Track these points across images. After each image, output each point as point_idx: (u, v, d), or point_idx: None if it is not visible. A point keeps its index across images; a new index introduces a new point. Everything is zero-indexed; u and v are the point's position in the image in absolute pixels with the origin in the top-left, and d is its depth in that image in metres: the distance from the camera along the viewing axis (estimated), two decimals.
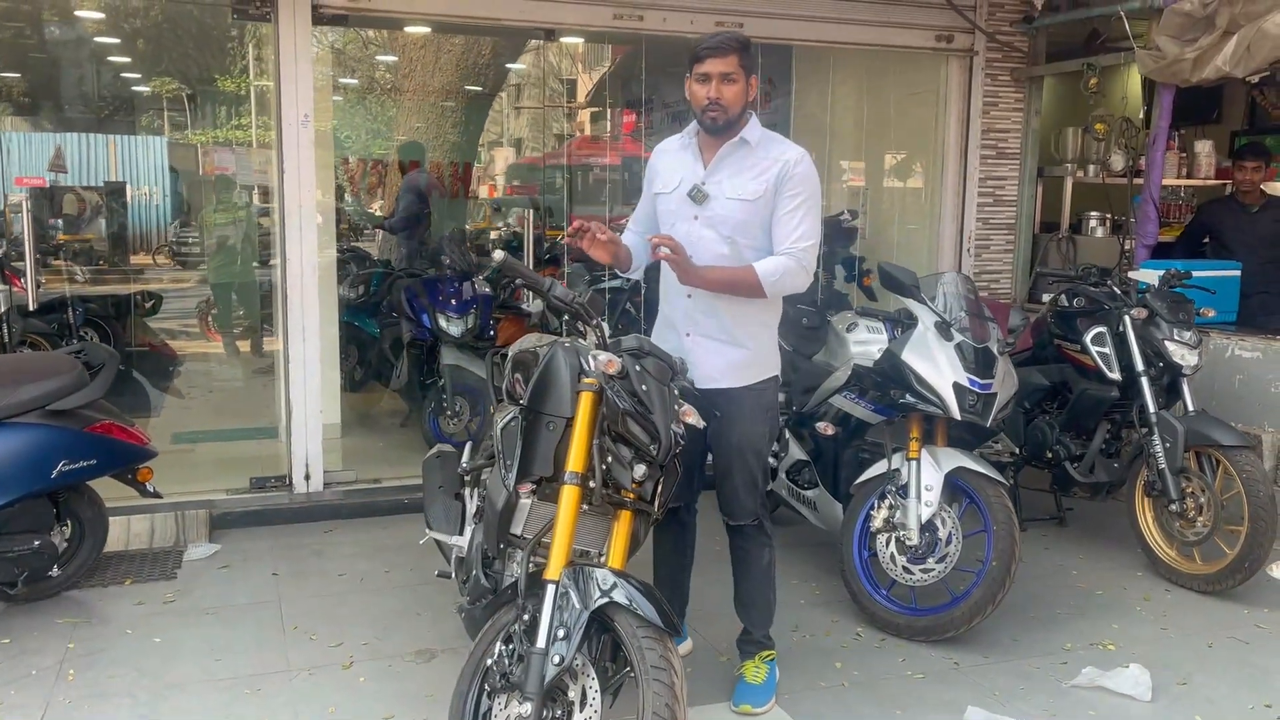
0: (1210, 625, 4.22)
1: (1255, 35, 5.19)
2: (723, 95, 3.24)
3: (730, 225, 3.29)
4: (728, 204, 3.28)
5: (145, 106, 12.91)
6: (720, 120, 3.27)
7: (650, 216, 3.54)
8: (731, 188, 3.30)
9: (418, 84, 10.92)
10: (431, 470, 4.03)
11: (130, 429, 4.34)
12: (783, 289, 3.28)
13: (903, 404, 4.09)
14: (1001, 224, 6.86)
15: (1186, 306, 4.73)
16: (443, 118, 11.07)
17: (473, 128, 11.36)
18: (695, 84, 3.29)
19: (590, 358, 2.94)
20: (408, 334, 6.72)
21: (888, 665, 3.85)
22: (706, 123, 3.30)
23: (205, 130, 14.19)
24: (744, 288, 3.24)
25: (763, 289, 3.23)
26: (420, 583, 4.54)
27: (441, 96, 10.99)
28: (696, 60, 3.27)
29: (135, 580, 4.53)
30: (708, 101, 3.26)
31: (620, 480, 2.86)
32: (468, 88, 11.05)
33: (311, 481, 5.60)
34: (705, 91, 3.26)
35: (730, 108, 3.26)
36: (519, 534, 3.03)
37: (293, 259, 5.49)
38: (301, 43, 5.40)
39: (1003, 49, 6.65)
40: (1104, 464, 4.93)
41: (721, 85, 3.24)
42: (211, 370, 9.35)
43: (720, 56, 3.24)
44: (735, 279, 3.24)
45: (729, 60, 3.24)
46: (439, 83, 10.82)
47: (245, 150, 17.03)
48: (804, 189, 3.27)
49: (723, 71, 3.24)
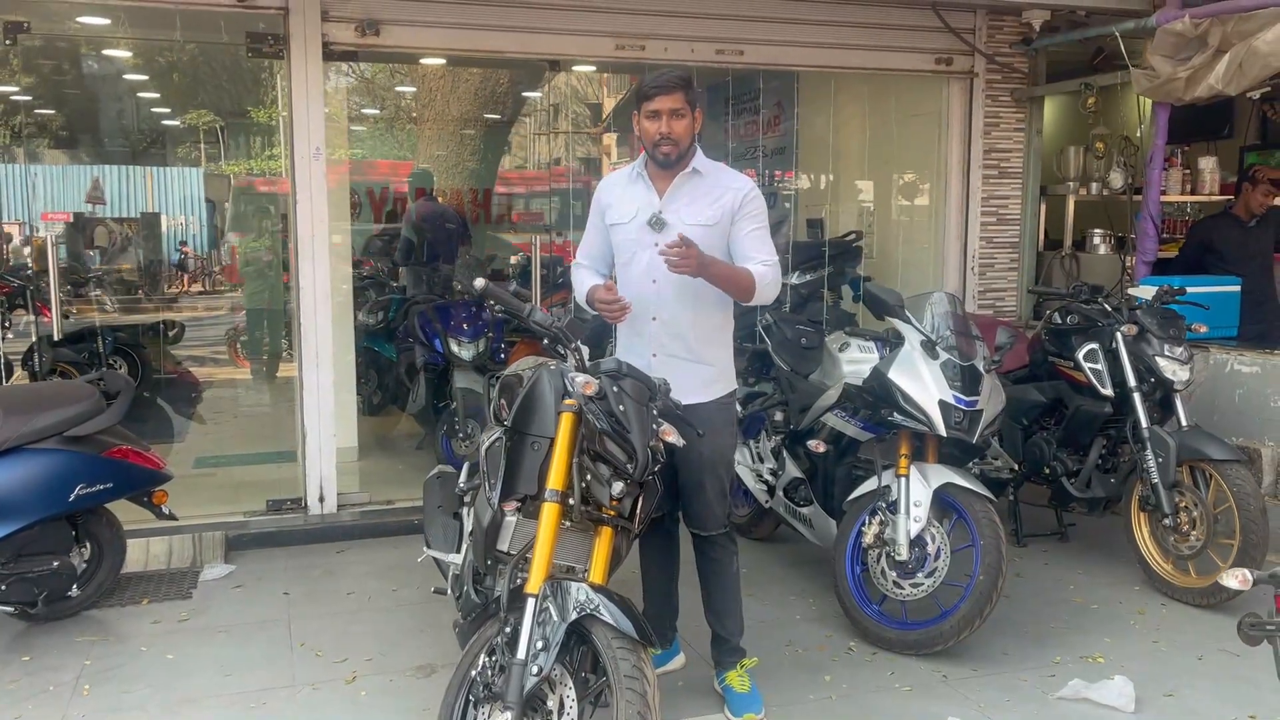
0: (1202, 638, 4.26)
1: (1246, 54, 5.26)
2: (673, 130, 3.41)
3: None
4: (688, 230, 3.42)
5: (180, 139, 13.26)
6: (673, 154, 3.44)
7: (602, 248, 3.71)
8: (689, 214, 3.47)
9: (436, 112, 11.13)
10: (431, 490, 4.16)
11: (146, 453, 4.50)
12: (766, 295, 3.47)
13: (891, 421, 4.18)
14: (1005, 242, 6.93)
15: (1177, 322, 4.78)
16: (461, 145, 11.27)
17: (491, 155, 11.55)
18: (645, 120, 3.46)
19: (569, 380, 3.07)
20: (422, 358, 6.88)
21: (877, 678, 3.92)
22: (660, 157, 3.46)
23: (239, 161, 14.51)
24: (740, 284, 3.40)
25: (754, 290, 3.41)
26: (426, 600, 4.66)
27: (460, 125, 11.19)
28: (645, 98, 3.44)
29: (152, 600, 4.69)
30: (659, 137, 3.42)
31: (599, 497, 2.98)
32: (486, 115, 11.26)
33: (326, 503, 5.76)
34: (656, 127, 3.42)
35: (681, 141, 3.43)
36: (506, 550, 3.16)
37: (305, 288, 5.66)
38: (313, 78, 5.59)
39: (1003, 70, 6.74)
40: (1100, 479, 4.99)
41: (671, 121, 3.41)
42: (236, 395, 9.58)
43: (667, 94, 3.40)
44: (736, 275, 3.41)
45: (675, 97, 3.40)
46: (457, 111, 11.03)
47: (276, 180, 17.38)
48: (761, 214, 3.51)
49: (671, 108, 3.40)
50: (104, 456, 4.26)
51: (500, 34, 5.84)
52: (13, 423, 4.03)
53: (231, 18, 5.57)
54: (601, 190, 3.73)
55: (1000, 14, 6.64)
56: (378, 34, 5.65)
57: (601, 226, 3.70)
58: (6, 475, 3.99)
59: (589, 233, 3.77)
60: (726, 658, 3.69)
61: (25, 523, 4.03)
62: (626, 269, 3.61)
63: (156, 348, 9.01)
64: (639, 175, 3.61)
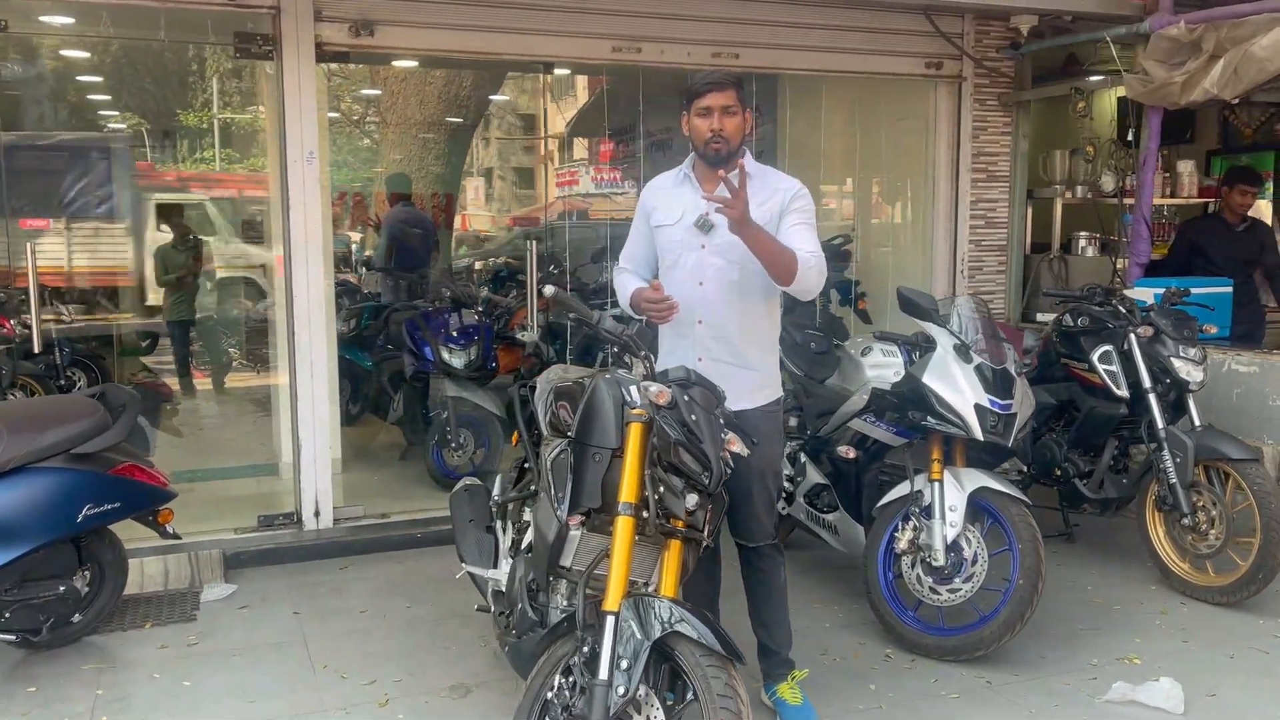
0: (1230, 637, 4.30)
1: (1242, 59, 5.35)
2: (725, 127, 3.36)
3: (739, 252, 3.37)
4: None
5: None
6: (724, 151, 3.38)
7: (646, 252, 3.64)
8: None
9: (399, 116, 10.94)
10: (460, 504, 4.03)
11: (151, 470, 4.31)
12: (808, 281, 3.33)
13: (924, 426, 4.15)
14: (994, 246, 6.98)
15: (1190, 323, 4.83)
16: (425, 149, 11.08)
17: (455, 159, 11.37)
18: (697, 118, 3.40)
19: (639, 389, 2.98)
20: (410, 367, 6.71)
21: (921, 686, 3.89)
22: (710, 155, 3.40)
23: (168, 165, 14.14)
24: (783, 261, 3.27)
25: (795, 272, 3.28)
26: (445, 616, 4.53)
27: (423, 128, 11.01)
28: (697, 95, 3.39)
29: (155, 623, 4.48)
30: (711, 134, 3.37)
31: (673, 510, 2.89)
32: (449, 119, 11.09)
33: (321, 518, 5.58)
34: (708, 124, 3.37)
35: (732, 139, 3.38)
36: (568, 566, 3.06)
37: (300, 296, 5.48)
38: (305, 80, 5.42)
39: (990, 74, 6.79)
40: (1113, 480, 5.02)
41: (724, 118, 3.36)
42: (197, 407, 9.28)
43: (720, 90, 3.36)
44: (780, 251, 3.28)
45: (728, 94, 3.36)
46: (421, 115, 10.84)
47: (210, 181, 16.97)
48: (808, 210, 3.45)
49: (724, 105, 3.36)
50: (111, 475, 4.06)
51: (496, 35, 5.72)
52: (18, 441, 3.81)
53: (220, 17, 5.37)
54: (647, 193, 3.66)
55: (988, 19, 6.69)
56: (372, 34, 5.50)
57: (646, 230, 3.63)
58: (13, 496, 3.77)
59: (632, 236, 3.70)
60: (776, 670, 3.63)
61: (33, 545, 3.81)
62: (671, 271, 3.54)
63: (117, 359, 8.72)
64: (686, 177, 3.55)
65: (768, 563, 3.62)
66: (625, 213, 14.09)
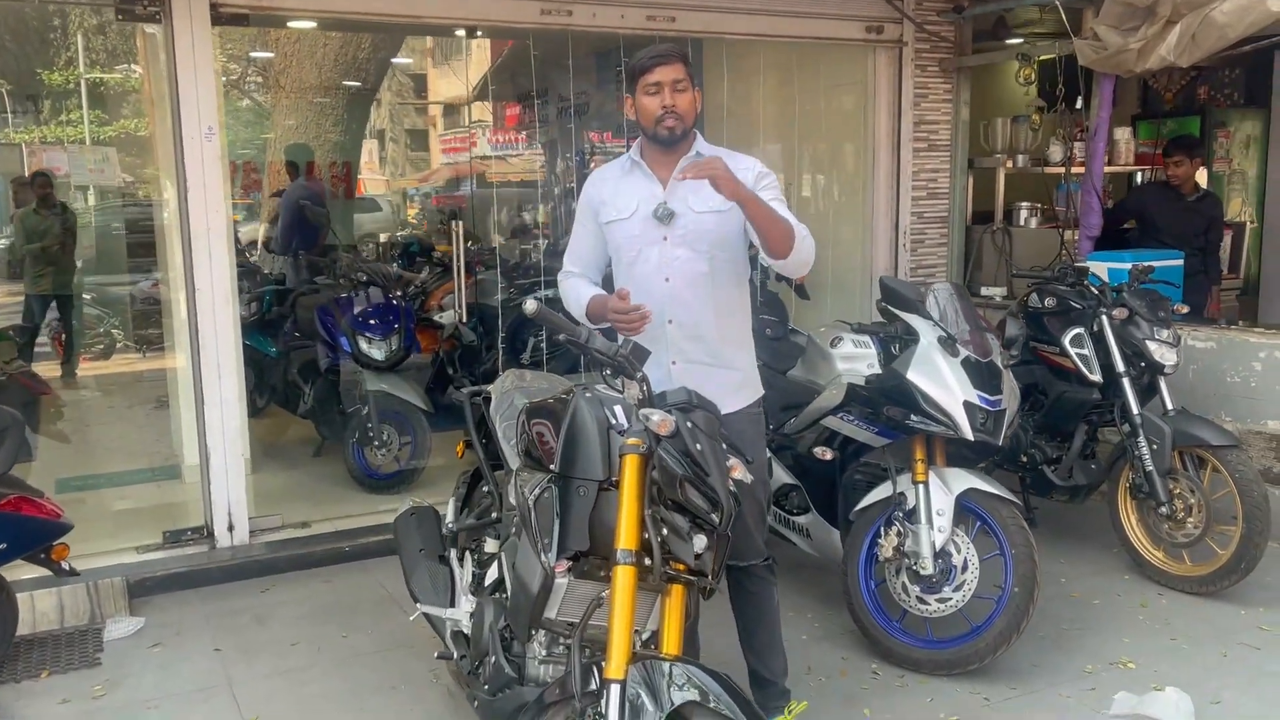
0: (1216, 631, 4.15)
1: (1201, 25, 5.15)
2: (678, 104, 3.04)
3: (708, 240, 3.09)
4: (699, 218, 3.08)
5: None
6: (678, 130, 3.06)
7: (594, 252, 3.29)
8: (698, 201, 3.08)
9: (294, 80, 10.20)
10: (408, 531, 3.60)
11: (40, 501, 3.76)
12: (805, 251, 3.03)
13: (908, 425, 3.87)
14: (935, 217, 6.76)
15: (1164, 304, 4.65)
16: (322, 115, 10.38)
17: (354, 125, 10.69)
18: (644, 97, 3.06)
19: (628, 411, 2.61)
20: (324, 360, 6.18)
21: (917, 707, 3.63)
22: (663, 134, 3.06)
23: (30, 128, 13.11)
24: (781, 227, 2.95)
25: (794, 238, 2.97)
26: (388, 647, 4.10)
27: (319, 93, 10.30)
28: (644, 71, 3.04)
29: (54, 671, 3.94)
30: (662, 111, 3.03)
31: (679, 554, 2.52)
32: (347, 83, 10.40)
33: (236, 532, 5.06)
34: (658, 102, 3.04)
35: (686, 116, 3.06)
36: (553, 617, 2.67)
37: (203, 287, 4.93)
38: (200, 46, 4.84)
39: (931, 39, 6.52)
40: (1082, 466, 4.84)
41: (674, 93, 3.04)
42: (82, 400, 8.55)
43: (668, 64, 3.04)
44: (777, 215, 2.96)
45: (676, 67, 3.04)
46: (318, 79, 10.13)
47: (78, 149, 15.78)
48: (777, 187, 3.16)
49: (674, 79, 3.03)
50: None
51: None
52: None
53: None
54: (591, 187, 3.28)
55: None
56: None
57: (593, 227, 3.25)
58: None
59: (577, 236, 3.32)
60: (772, 701, 3.32)
61: None
62: (632, 269, 3.17)
63: None
64: (635, 165, 3.19)
65: (758, 584, 3.31)
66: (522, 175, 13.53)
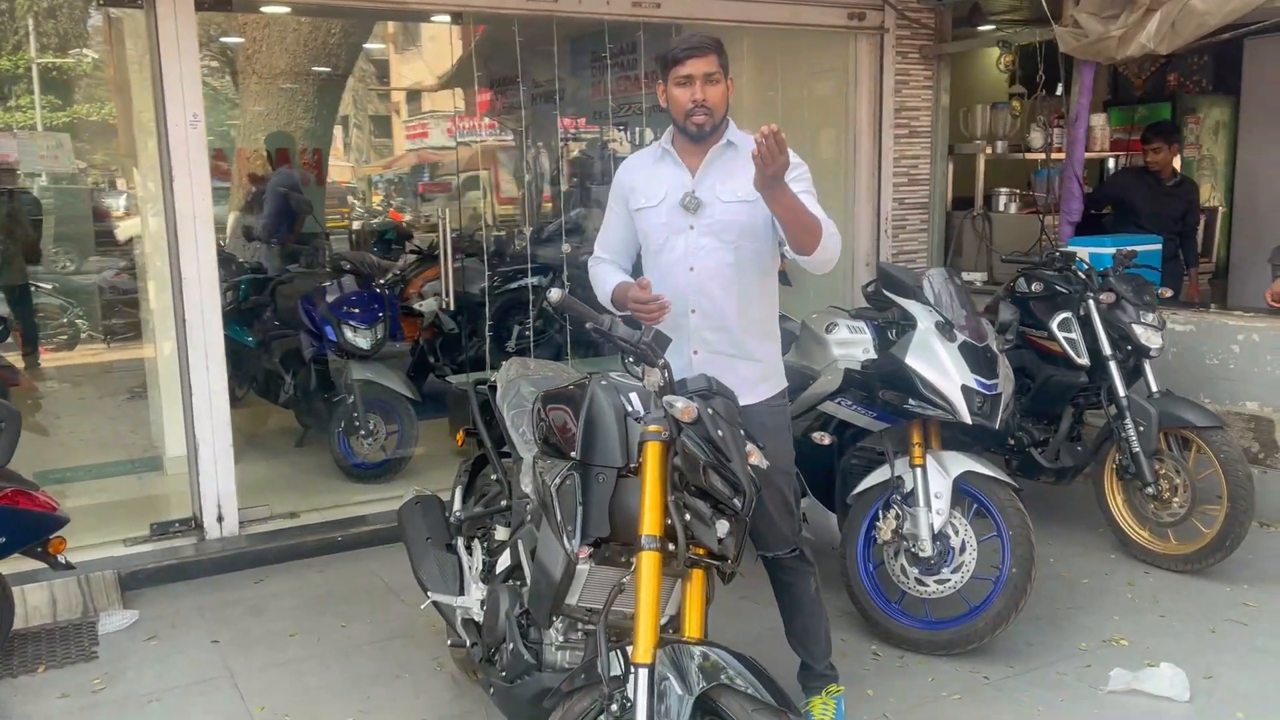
0: (1204, 608, 4.24)
1: (1180, 12, 5.23)
2: (708, 97, 3.02)
3: (735, 230, 3.08)
4: (727, 208, 3.07)
5: None
6: (707, 125, 3.05)
7: (625, 239, 3.29)
8: (727, 191, 3.08)
9: (264, 66, 10.06)
10: (413, 520, 3.59)
11: (36, 494, 3.71)
12: (830, 249, 3.02)
13: (906, 409, 3.91)
14: (916, 204, 6.81)
15: (1149, 288, 4.74)
16: (293, 102, 10.24)
17: (325, 111, 10.56)
18: (675, 88, 3.05)
19: (645, 398, 2.63)
20: (309, 349, 6.13)
21: (920, 687, 3.68)
22: (692, 129, 3.05)
23: None
24: (809, 224, 2.93)
25: (821, 235, 2.96)
26: (387, 637, 4.09)
27: (290, 79, 10.16)
28: (675, 63, 3.02)
29: (50, 665, 3.90)
30: (692, 105, 3.02)
31: (703, 540, 2.55)
32: (316, 69, 10.27)
33: (225, 524, 5.02)
34: (689, 94, 3.02)
35: (716, 110, 3.04)
36: (573, 603, 2.69)
37: (189, 278, 4.86)
38: (184, 33, 4.77)
39: (911, 25, 6.56)
40: (1068, 449, 4.91)
41: (705, 86, 3.02)
42: (52, 391, 8.41)
43: (700, 56, 3.00)
44: (804, 211, 2.92)
45: (709, 59, 3.01)
46: (287, 65, 10.00)
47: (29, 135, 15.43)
48: (808, 179, 3.13)
49: (705, 71, 3.01)
50: None
51: None
52: None
53: None
54: (622, 173, 3.28)
55: None
56: None
57: (624, 214, 3.25)
58: None
59: (608, 222, 3.32)
60: (812, 682, 3.38)
61: None
62: (658, 257, 3.18)
63: None
64: (665, 153, 3.19)
65: (790, 574, 3.33)
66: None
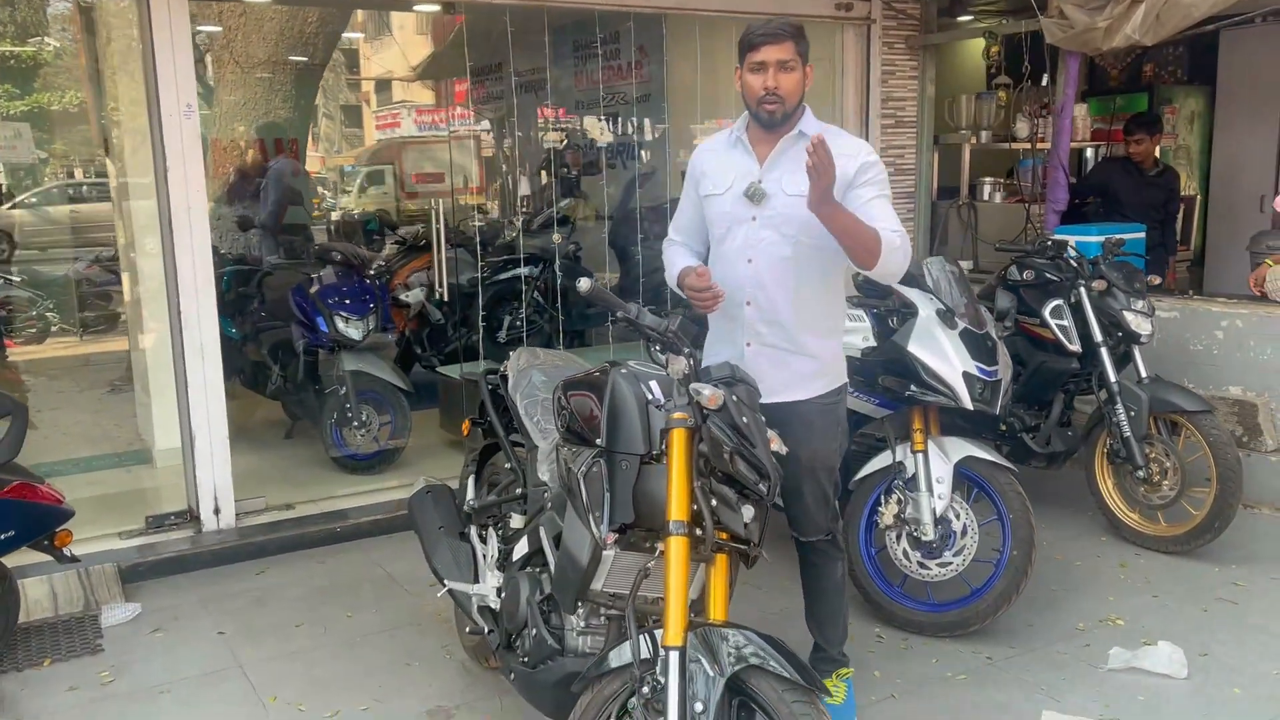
0: (1195, 589, 4.34)
1: (1166, 4, 5.32)
2: (781, 85, 3.00)
3: (795, 225, 3.04)
4: (789, 201, 3.04)
5: None
6: (778, 113, 3.03)
7: (697, 222, 3.29)
8: (792, 184, 3.04)
9: (241, 54, 9.98)
10: (425, 510, 3.61)
11: (42, 487, 3.69)
12: (892, 265, 2.97)
13: (909, 396, 3.97)
14: (902, 193, 6.86)
15: (1139, 276, 4.82)
16: (270, 91, 10.17)
17: (303, 101, 10.50)
18: (749, 74, 3.04)
19: (665, 386, 2.66)
20: (301, 341, 6.11)
21: (925, 669, 3.75)
22: (763, 116, 3.04)
23: None
24: (863, 240, 2.89)
25: (878, 254, 2.91)
26: (395, 626, 4.11)
27: (267, 68, 10.09)
28: (751, 48, 3.01)
29: (56, 659, 3.88)
30: (764, 92, 3.00)
31: (729, 525, 2.59)
32: (293, 58, 10.20)
33: (223, 516, 5.01)
34: (761, 81, 3.00)
35: (789, 98, 3.02)
36: (598, 589, 2.73)
37: (185, 268, 4.84)
38: (178, 21, 4.74)
39: (897, 16, 6.62)
40: (1059, 434, 4.99)
41: (779, 74, 2.99)
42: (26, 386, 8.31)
43: (776, 43, 2.98)
44: (860, 229, 2.89)
45: (785, 46, 2.99)
46: (265, 53, 9.92)
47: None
48: (883, 182, 3.08)
49: (780, 59, 2.99)
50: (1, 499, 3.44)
51: None
52: None
53: None
54: (696, 157, 3.27)
55: None
56: None
57: (695, 197, 3.25)
58: None
59: (682, 205, 3.32)
60: (823, 665, 3.42)
61: None
62: (720, 245, 3.19)
63: None
64: (738, 139, 3.17)
65: (821, 558, 3.39)
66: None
